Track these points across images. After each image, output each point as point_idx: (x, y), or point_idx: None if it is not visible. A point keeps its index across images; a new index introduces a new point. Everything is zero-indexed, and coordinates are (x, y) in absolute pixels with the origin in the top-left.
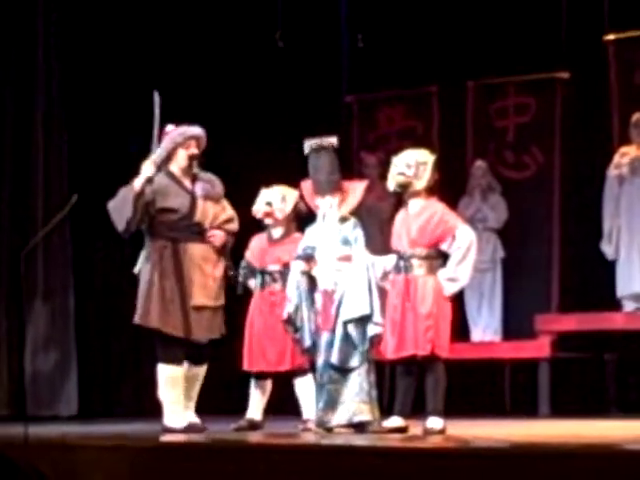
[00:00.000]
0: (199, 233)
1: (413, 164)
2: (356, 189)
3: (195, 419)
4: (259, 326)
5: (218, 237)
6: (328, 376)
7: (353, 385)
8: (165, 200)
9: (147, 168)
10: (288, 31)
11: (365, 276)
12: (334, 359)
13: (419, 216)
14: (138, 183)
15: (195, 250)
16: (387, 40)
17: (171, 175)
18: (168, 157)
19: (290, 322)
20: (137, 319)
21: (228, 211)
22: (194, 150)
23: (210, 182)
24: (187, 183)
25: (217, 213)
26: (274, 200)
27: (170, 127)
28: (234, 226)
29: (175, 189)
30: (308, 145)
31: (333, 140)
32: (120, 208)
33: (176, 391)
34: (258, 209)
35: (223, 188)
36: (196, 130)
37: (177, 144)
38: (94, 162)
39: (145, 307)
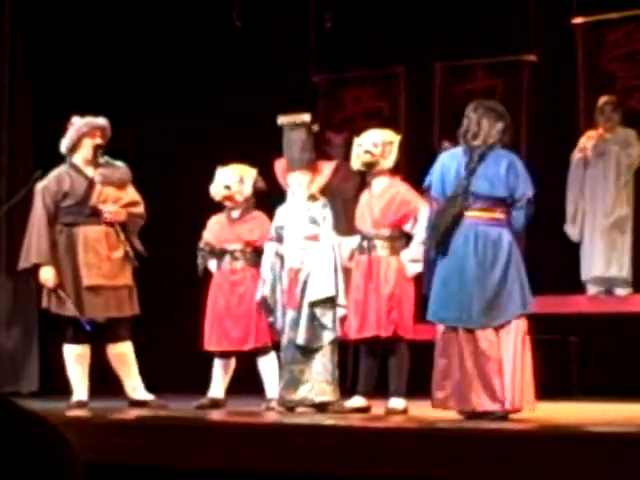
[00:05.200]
0: (94, 216)
1: (380, 143)
2: (326, 169)
3: (149, 396)
4: (221, 305)
5: (113, 213)
6: (292, 355)
7: (317, 365)
8: (63, 189)
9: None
10: (256, 10)
11: (331, 257)
12: (300, 339)
13: (382, 196)
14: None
15: (89, 232)
16: (355, 20)
17: (73, 166)
18: (73, 147)
19: (264, 304)
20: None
21: (132, 195)
22: (99, 140)
23: (112, 168)
24: (87, 171)
25: (118, 198)
26: (232, 183)
27: (75, 118)
28: (138, 209)
29: (75, 177)
30: (281, 121)
31: (306, 117)
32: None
33: (80, 368)
34: (217, 192)
35: (129, 175)
36: (101, 121)
37: (82, 134)
38: (59, 138)
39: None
